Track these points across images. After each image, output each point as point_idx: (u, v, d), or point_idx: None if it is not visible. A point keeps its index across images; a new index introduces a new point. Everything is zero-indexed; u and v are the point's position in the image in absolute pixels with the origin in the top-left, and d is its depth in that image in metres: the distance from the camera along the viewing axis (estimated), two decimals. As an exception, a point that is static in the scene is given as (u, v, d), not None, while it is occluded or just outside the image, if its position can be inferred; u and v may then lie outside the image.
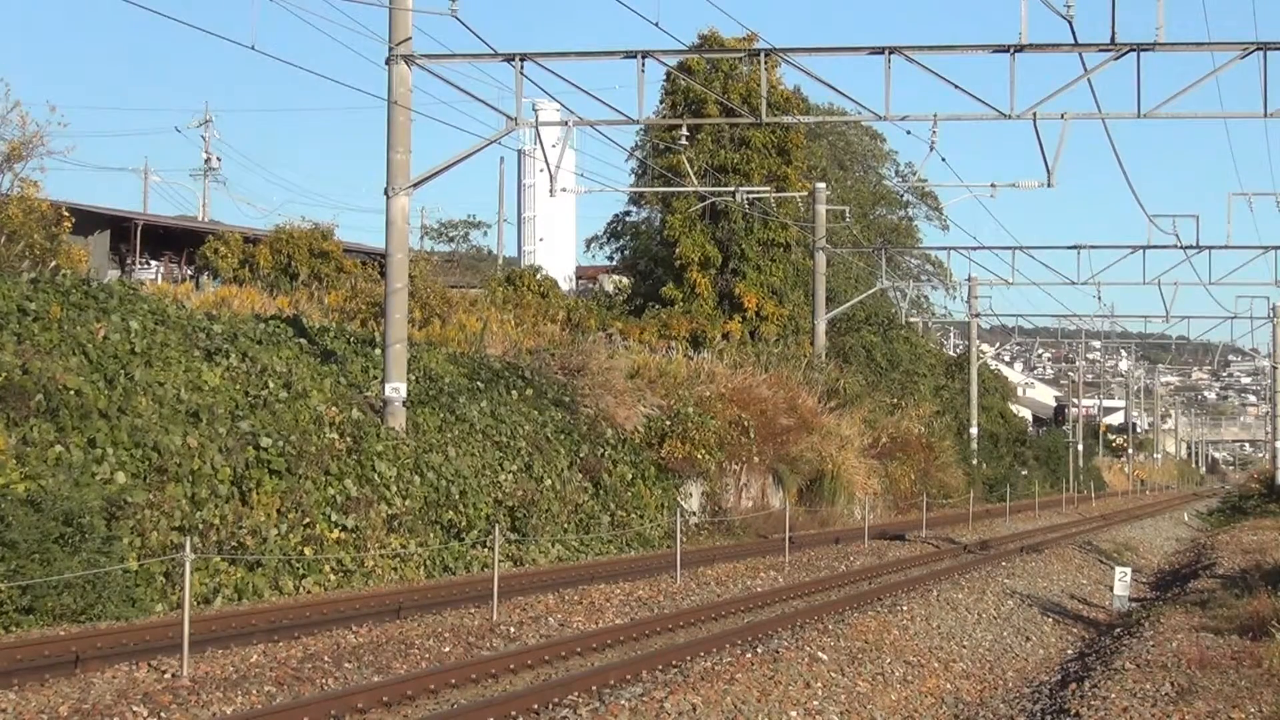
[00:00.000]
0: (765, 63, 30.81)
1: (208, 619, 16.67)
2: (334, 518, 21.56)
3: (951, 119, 27.07)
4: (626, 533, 29.58)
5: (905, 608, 20.96)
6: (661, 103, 50.34)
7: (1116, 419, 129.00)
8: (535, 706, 12.94)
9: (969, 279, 63.91)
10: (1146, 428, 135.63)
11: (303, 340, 26.37)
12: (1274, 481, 70.24)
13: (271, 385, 22.71)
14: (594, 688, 13.86)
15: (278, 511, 20.53)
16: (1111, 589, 26.87)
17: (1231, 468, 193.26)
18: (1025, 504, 56.69)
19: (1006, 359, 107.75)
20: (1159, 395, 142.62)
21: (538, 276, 47.80)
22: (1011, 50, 25.19)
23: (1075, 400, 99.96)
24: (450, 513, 24.37)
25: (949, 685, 17.73)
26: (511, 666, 15.00)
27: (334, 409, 23.39)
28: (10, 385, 18.14)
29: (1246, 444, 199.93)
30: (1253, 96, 24.98)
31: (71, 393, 18.81)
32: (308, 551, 20.78)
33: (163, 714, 12.21)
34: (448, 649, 16.08)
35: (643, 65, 26.14)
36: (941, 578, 26.37)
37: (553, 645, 16.26)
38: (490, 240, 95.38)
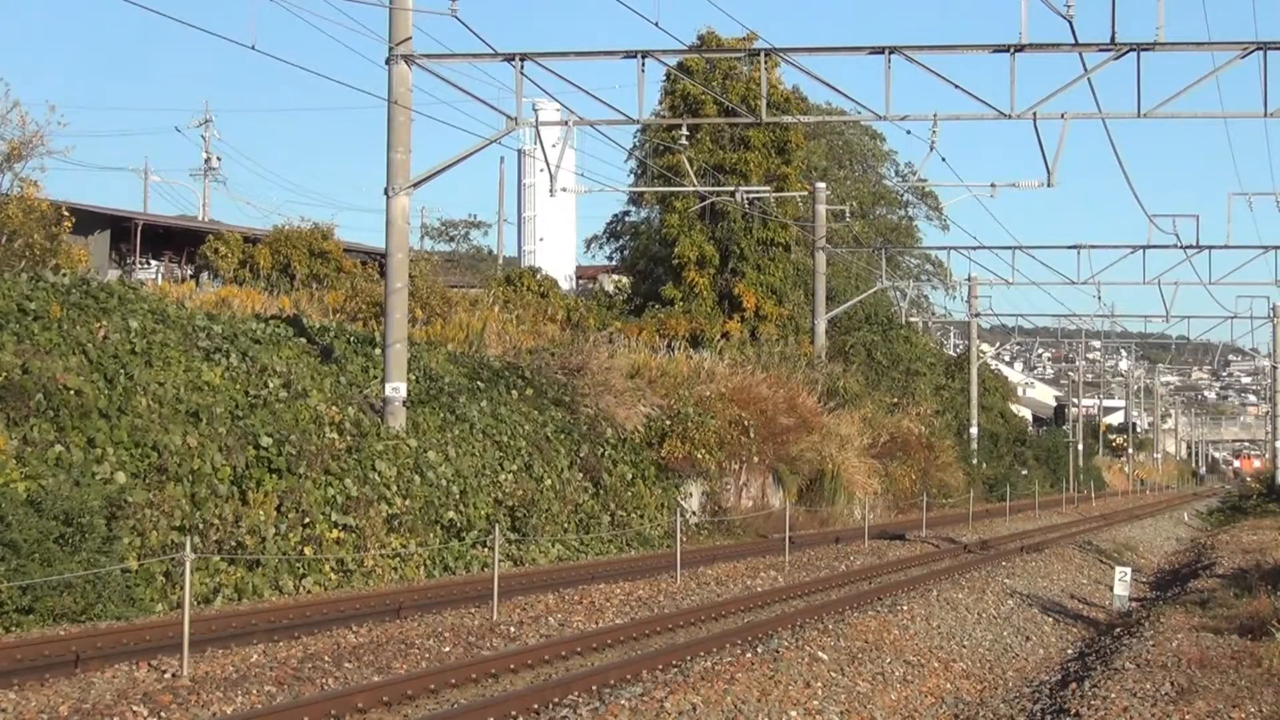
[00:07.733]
0: (765, 62, 30.83)
1: (208, 619, 16.68)
2: (334, 517, 21.57)
3: (951, 119, 27.08)
4: (626, 532, 29.59)
5: (905, 607, 20.95)
6: (661, 103, 50.33)
7: (1116, 419, 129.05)
8: (535, 706, 12.93)
9: (969, 279, 64.03)
10: (1146, 428, 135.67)
11: (303, 340, 26.37)
12: (1274, 481, 70.25)
13: (271, 385, 22.71)
14: (594, 687, 13.85)
15: (277, 511, 20.54)
16: (1111, 589, 26.86)
17: (1231, 467, 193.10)
18: (1025, 504, 56.66)
19: (1006, 359, 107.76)
20: (1159, 395, 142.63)
21: (537, 276, 47.82)
22: (1011, 50, 25.20)
23: (1075, 400, 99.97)
24: (450, 512, 24.38)
25: (949, 685, 17.73)
26: (511, 666, 15.00)
27: (334, 409, 23.40)
28: (10, 385, 18.14)
29: (1246, 444, 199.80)
30: (1253, 96, 25.02)
31: (71, 393, 18.81)
32: (308, 551, 20.78)
33: (163, 714, 12.20)
34: (448, 649, 16.08)
35: (643, 65, 26.14)
36: (941, 577, 26.37)
37: (553, 645, 16.26)
38: (490, 240, 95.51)
